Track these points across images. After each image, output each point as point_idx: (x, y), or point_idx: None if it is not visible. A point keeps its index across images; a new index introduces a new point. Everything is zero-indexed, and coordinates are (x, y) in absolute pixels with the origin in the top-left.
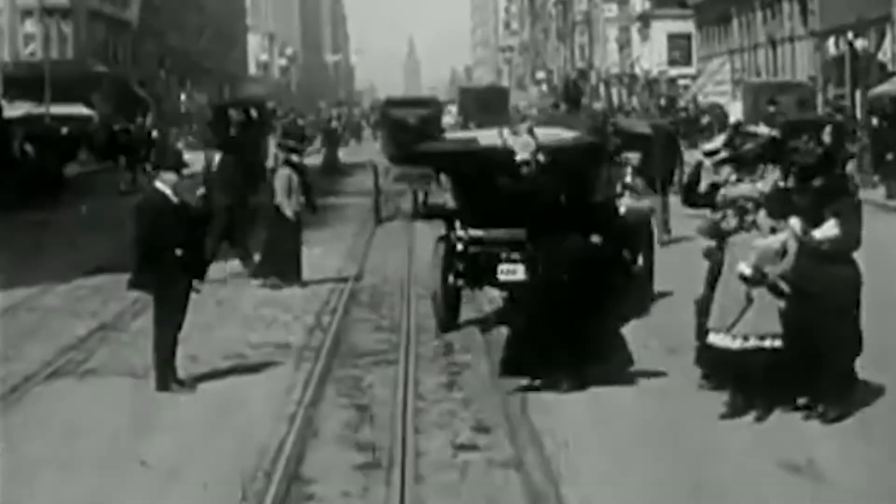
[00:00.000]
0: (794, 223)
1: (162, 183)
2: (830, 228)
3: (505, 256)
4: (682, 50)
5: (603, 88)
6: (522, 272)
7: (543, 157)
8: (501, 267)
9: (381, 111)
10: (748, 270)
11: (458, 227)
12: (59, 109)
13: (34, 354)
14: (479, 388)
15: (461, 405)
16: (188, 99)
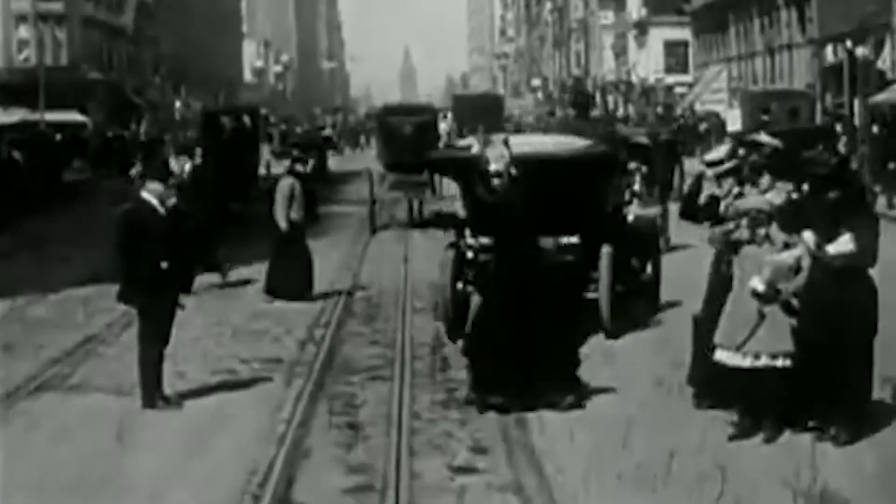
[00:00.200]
0: (807, 237)
1: (148, 193)
2: (845, 243)
3: None
4: (678, 57)
5: (599, 96)
6: None
7: (516, 170)
8: None
9: (377, 118)
10: (762, 287)
11: (467, 235)
12: (53, 116)
13: (20, 368)
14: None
15: (458, 425)
16: (183, 106)
